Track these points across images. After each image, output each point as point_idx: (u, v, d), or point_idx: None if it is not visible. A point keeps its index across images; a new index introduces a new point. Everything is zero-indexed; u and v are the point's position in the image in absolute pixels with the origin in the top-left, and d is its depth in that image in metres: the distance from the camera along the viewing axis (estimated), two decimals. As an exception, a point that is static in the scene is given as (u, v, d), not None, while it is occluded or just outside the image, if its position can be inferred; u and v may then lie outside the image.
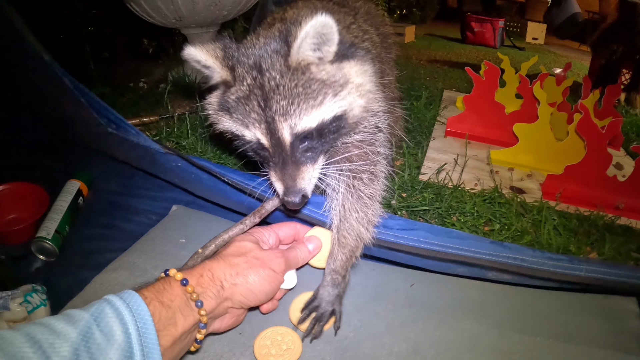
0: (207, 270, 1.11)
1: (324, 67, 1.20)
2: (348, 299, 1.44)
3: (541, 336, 1.33)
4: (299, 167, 1.21)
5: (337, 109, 1.21)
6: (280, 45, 1.18)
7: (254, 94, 1.17)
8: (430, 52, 6.96)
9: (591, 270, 1.29)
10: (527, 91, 2.88)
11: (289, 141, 1.19)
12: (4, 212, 2.12)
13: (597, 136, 2.31)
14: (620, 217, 2.24)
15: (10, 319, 1.46)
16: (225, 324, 1.19)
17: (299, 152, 1.21)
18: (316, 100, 1.17)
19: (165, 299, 0.99)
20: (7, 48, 1.92)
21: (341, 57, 1.22)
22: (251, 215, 1.38)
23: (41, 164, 2.50)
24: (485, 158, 2.79)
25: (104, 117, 1.70)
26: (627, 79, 4.65)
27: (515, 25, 9.01)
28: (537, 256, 1.32)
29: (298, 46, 1.14)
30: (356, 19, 1.62)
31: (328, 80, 1.19)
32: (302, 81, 1.17)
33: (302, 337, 1.31)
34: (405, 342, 1.29)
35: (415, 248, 1.35)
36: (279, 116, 1.16)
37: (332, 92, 1.19)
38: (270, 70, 1.16)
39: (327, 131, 1.22)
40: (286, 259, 1.25)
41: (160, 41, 4.75)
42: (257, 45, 1.22)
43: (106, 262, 1.61)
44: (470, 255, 1.31)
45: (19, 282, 1.62)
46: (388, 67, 1.91)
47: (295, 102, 1.16)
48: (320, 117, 1.19)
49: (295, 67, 1.17)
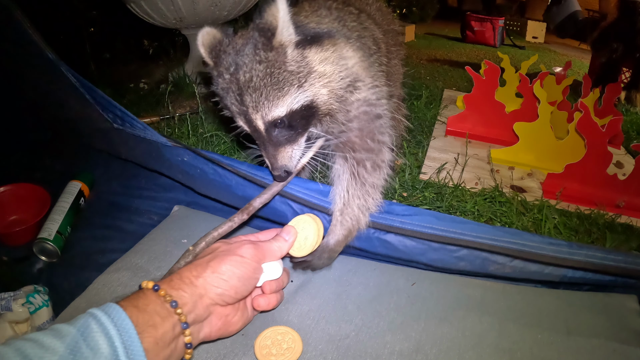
0: (175, 274, 1.12)
1: (293, 54, 1.27)
2: (350, 298, 1.45)
3: (542, 334, 1.33)
4: (278, 148, 1.34)
5: (304, 99, 1.29)
6: (256, 37, 1.26)
7: (232, 88, 1.29)
8: (431, 51, 6.96)
9: (590, 255, 1.33)
10: (528, 90, 2.88)
11: (263, 129, 1.31)
12: (5, 213, 2.13)
13: (598, 135, 2.31)
14: (620, 216, 2.24)
15: (12, 320, 1.47)
16: (216, 329, 1.17)
17: (276, 137, 1.33)
18: (282, 91, 1.26)
19: (141, 304, 0.99)
20: (8, 46, 1.92)
21: (304, 44, 1.28)
22: (239, 213, 1.39)
23: (42, 165, 2.50)
24: (485, 157, 2.80)
25: (110, 112, 1.72)
26: (627, 78, 4.65)
27: (515, 24, 9.00)
28: (537, 241, 1.36)
29: (281, 29, 1.23)
30: (359, 17, 1.65)
31: (294, 70, 1.26)
32: (272, 71, 1.24)
33: None
34: (407, 341, 1.29)
35: (420, 233, 1.41)
36: (251, 109, 1.28)
37: (297, 83, 1.27)
38: (245, 65, 1.25)
39: (300, 117, 1.32)
40: (256, 247, 1.25)
41: (161, 42, 4.76)
42: (238, 41, 1.31)
43: (108, 263, 1.60)
44: (473, 239, 1.37)
45: (21, 283, 1.63)
46: (394, 65, 1.97)
47: (263, 95, 1.25)
48: (288, 107, 1.28)
49: (275, 53, 1.25)
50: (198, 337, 1.12)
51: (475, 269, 1.47)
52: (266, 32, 1.24)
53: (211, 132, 2.62)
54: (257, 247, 1.26)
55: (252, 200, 1.43)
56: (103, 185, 2.31)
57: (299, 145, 1.38)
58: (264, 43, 1.24)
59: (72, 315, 1.33)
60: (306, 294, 1.46)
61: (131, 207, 2.14)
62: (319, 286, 1.50)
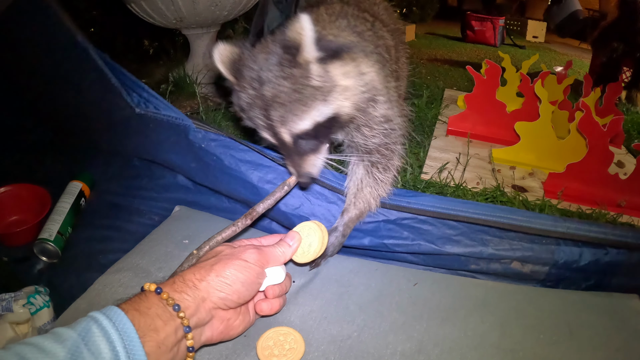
0: (178, 277, 1.12)
1: (317, 70, 1.30)
2: (351, 298, 1.44)
3: (545, 334, 1.33)
4: (303, 157, 1.40)
5: (327, 112, 1.33)
6: (280, 53, 1.29)
7: (257, 103, 1.33)
8: (431, 51, 6.96)
9: (571, 227, 1.48)
10: (528, 90, 2.88)
11: (290, 141, 1.36)
12: (6, 214, 2.13)
13: (599, 134, 2.31)
14: (622, 215, 2.24)
15: (13, 321, 1.47)
16: (218, 332, 1.17)
17: (301, 146, 1.38)
18: (307, 106, 1.29)
19: (142, 307, 0.99)
20: (32, 34, 1.94)
21: (326, 59, 1.31)
22: (243, 218, 1.41)
23: (42, 165, 2.50)
24: (487, 157, 2.79)
25: (136, 94, 1.76)
26: (628, 77, 4.64)
27: (516, 24, 9.00)
28: (527, 215, 1.53)
29: (305, 46, 1.25)
30: (374, 26, 1.71)
31: (318, 85, 1.30)
32: (297, 86, 1.28)
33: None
34: (409, 341, 1.29)
35: (422, 210, 1.55)
36: (278, 123, 1.32)
37: (321, 97, 1.31)
38: (270, 81, 1.28)
39: (324, 127, 1.36)
40: (260, 252, 1.25)
41: (161, 42, 4.76)
42: (260, 56, 1.34)
43: (109, 264, 1.60)
44: (469, 215, 1.51)
45: (22, 284, 1.63)
46: (401, 63, 2.03)
47: (290, 110, 1.29)
48: (313, 120, 1.32)
49: (300, 69, 1.28)
50: (200, 341, 1.12)
51: (472, 255, 1.60)
52: (290, 49, 1.26)
53: (212, 132, 2.61)
54: (261, 251, 1.25)
55: (256, 206, 1.45)
56: (103, 186, 2.30)
57: (322, 154, 1.45)
58: (289, 60, 1.27)
59: (73, 316, 1.33)
60: (308, 295, 1.46)
61: (132, 208, 2.13)
62: (321, 286, 1.50)
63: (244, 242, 1.37)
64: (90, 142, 2.41)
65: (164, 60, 4.61)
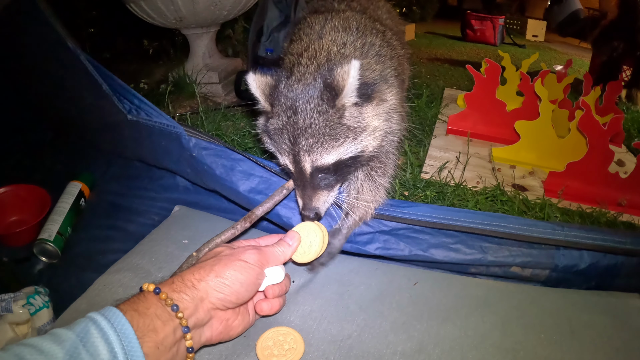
0: (177, 277, 1.12)
1: (351, 111, 1.37)
2: (352, 298, 1.44)
3: (545, 333, 1.32)
4: (316, 191, 1.42)
5: (355, 151, 1.40)
6: (321, 89, 1.35)
7: (287, 129, 1.36)
8: (431, 50, 6.96)
9: (569, 234, 1.47)
10: (528, 89, 2.88)
11: (309, 172, 1.38)
12: (5, 214, 2.13)
13: (599, 133, 2.31)
14: (622, 214, 2.24)
15: (13, 321, 1.46)
16: (217, 333, 1.16)
17: (317, 181, 1.40)
18: (337, 142, 1.35)
19: (141, 307, 0.99)
20: (26, 38, 1.93)
21: (362, 102, 1.39)
22: (242, 220, 1.42)
23: (42, 165, 2.50)
24: (487, 156, 2.79)
25: (127, 101, 1.73)
26: (628, 76, 4.64)
27: (516, 23, 9.00)
28: (524, 223, 1.52)
29: (346, 93, 1.31)
30: (385, 37, 1.76)
31: (351, 125, 1.37)
32: (331, 124, 1.34)
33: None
34: (409, 341, 1.29)
35: (418, 221, 1.56)
36: (303, 151, 1.35)
37: (352, 136, 1.37)
38: (305, 112, 1.34)
39: (344, 166, 1.42)
40: (259, 252, 1.25)
41: (161, 42, 4.76)
42: (297, 87, 1.38)
43: (109, 264, 1.60)
44: (465, 225, 1.50)
45: (22, 284, 1.62)
46: (404, 66, 2.03)
47: (319, 142, 1.34)
48: (338, 156, 1.37)
49: (335, 110, 1.35)
50: (199, 341, 1.12)
51: (473, 263, 1.58)
52: (332, 90, 1.32)
53: (211, 132, 2.61)
54: (261, 252, 1.25)
55: (255, 209, 1.46)
56: (103, 186, 2.30)
57: (334, 192, 1.48)
58: (329, 98, 1.33)
59: (73, 316, 1.33)
60: (308, 294, 1.46)
61: (132, 208, 2.13)
62: (321, 286, 1.49)
63: (243, 242, 1.37)
64: (90, 143, 2.41)
65: (163, 60, 4.62)
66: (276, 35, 3.47)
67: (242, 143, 2.55)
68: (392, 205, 1.61)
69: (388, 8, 2.25)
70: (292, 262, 1.44)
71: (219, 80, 3.81)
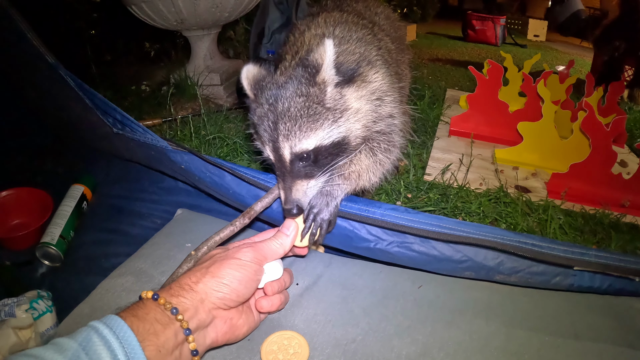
0: (174, 283, 1.12)
1: (332, 93, 1.36)
2: (356, 301, 1.44)
3: (550, 336, 1.32)
4: (295, 180, 1.36)
5: (336, 134, 1.36)
6: (300, 72, 1.35)
7: (268, 117, 1.35)
8: (432, 50, 6.97)
9: (599, 256, 1.33)
10: (531, 90, 2.88)
11: (288, 159, 1.34)
12: (8, 217, 2.13)
13: (602, 134, 2.31)
14: (625, 215, 2.24)
15: (16, 326, 1.46)
16: (222, 333, 1.16)
17: (297, 169, 1.36)
18: (316, 124, 1.32)
19: (141, 313, 0.99)
20: (10, 49, 1.92)
21: (342, 83, 1.37)
22: (240, 217, 1.40)
23: (44, 168, 2.50)
24: (489, 157, 2.79)
25: (110, 116, 1.71)
26: (630, 75, 4.65)
27: (517, 23, 9.01)
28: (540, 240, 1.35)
29: (325, 67, 1.31)
30: (373, 31, 1.76)
31: (331, 106, 1.35)
32: (309, 104, 1.32)
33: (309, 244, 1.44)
34: (414, 344, 1.28)
35: (425, 231, 1.38)
36: (282, 137, 1.32)
37: (332, 118, 1.34)
38: (284, 97, 1.33)
39: (327, 153, 1.37)
40: (255, 249, 1.25)
41: (162, 44, 4.76)
42: (281, 78, 1.39)
43: (111, 267, 1.59)
44: (483, 237, 1.33)
45: (25, 288, 1.62)
46: (403, 70, 2.04)
47: (297, 124, 1.31)
48: (318, 141, 1.33)
49: (316, 88, 1.34)
50: (205, 344, 1.11)
51: (481, 277, 1.48)
52: (311, 69, 1.33)
53: (213, 135, 2.61)
54: (256, 249, 1.25)
55: (254, 204, 1.43)
56: (105, 189, 2.30)
57: (316, 182, 1.40)
58: (307, 78, 1.33)
59: (76, 320, 1.33)
60: (312, 298, 1.45)
61: (134, 211, 2.13)
62: (325, 290, 1.49)
63: (237, 243, 1.36)
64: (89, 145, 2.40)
65: (164, 61, 4.61)
66: (277, 36, 3.48)
67: (245, 145, 2.55)
68: (395, 211, 1.46)
69: (387, 14, 2.24)
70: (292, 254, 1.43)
71: (220, 82, 3.81)
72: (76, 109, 1.83)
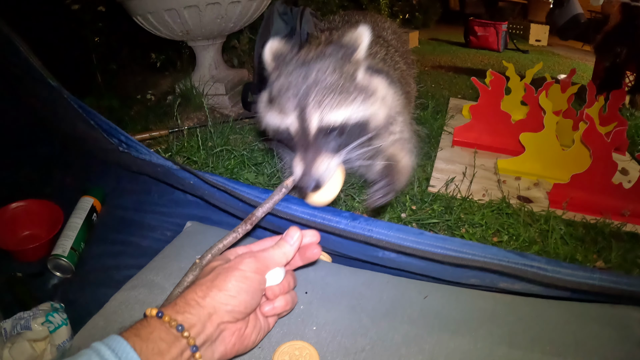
0: (179, 298, 1.10)
1: (363, 75, 1.43)
2: (364, 311, 1.46)
3: (551, 345, 1.34)
4: (319, 153, 1.36)
5: (363, 113, 1.40)
6: (338, 48, 1.42)
7: (296, 85, 1.36)
8: (435, 57, 7.00)
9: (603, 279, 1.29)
10: (533, 100, 2.91)
11: (314, 131, 1.35)
12: (19, 229, 2.16)
13: (603, 145, 2.34)
14: (626, 224, 2.27)
15: (31, 339, 1.48)
16: (231, 345, 1.16)
17: (321, 142, 1.36)
18: (349, 98, 1.37)
19: (143, 333, 0.98)
20: (16, 71, 1.94)
21: (372, 72, 1.47)
22: (243, 224, 1.39)
23: (52, 179, 2.52)
24: (492, 167, 2.82)
25: (115, 137, 1.72)
26: (631, 81, 4.67)
27: (518, 28, 9.04)
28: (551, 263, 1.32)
29: (361, 49, 1.40)
30: (388, 51, 1.85)
31: (363, 86, 1.41)
32: (346, 77, 1.38)
33: None
34: (421, 354, 1.31)
35: (432, 253, 1.35)
36: (312, 106, 1.33)
37: (363, 96, 1.40)
38: (319, 68, 1.36)
39: (350, 131, 1.40)
40: (257, 259, 1.22)
41: (167, 53, 4.79)
42: (311, 51, 1.44)
43: (123, 279, 1.60)
44: (489, 261, 1.31)
45: (36, 299, 1.65)
46: (411, 85, 2.13)
47: (331, 96, 1.34)
48: (346, 115, 1.36)
49: (351, 64, 1.40)
50: (213, 358, 1.11)
51: (485, 284, 1.50)
52: (348, 48, 1.40)
53: (221, 147, 2.64)
54: (258, 259, 1.23)
55: (255, 210, 1.42)
56: (114, 200, 2.32)
57: (338, 160, 1.40)
58: (345, 55, 1.40)
59: (91, 333, 1.35)
60: (321, 307, 1.47)
61: (144, 223, 2.15)
62: (334, 299, 1.51)
63: (239, 250, 1.36)
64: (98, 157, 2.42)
65: (170, 71, 4.64)
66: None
67: (252, 157, 2.58)
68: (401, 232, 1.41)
69: (394, 29, 2.31)
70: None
71: (225, 92, 3.85)
72: (81, 125, 1.85)
